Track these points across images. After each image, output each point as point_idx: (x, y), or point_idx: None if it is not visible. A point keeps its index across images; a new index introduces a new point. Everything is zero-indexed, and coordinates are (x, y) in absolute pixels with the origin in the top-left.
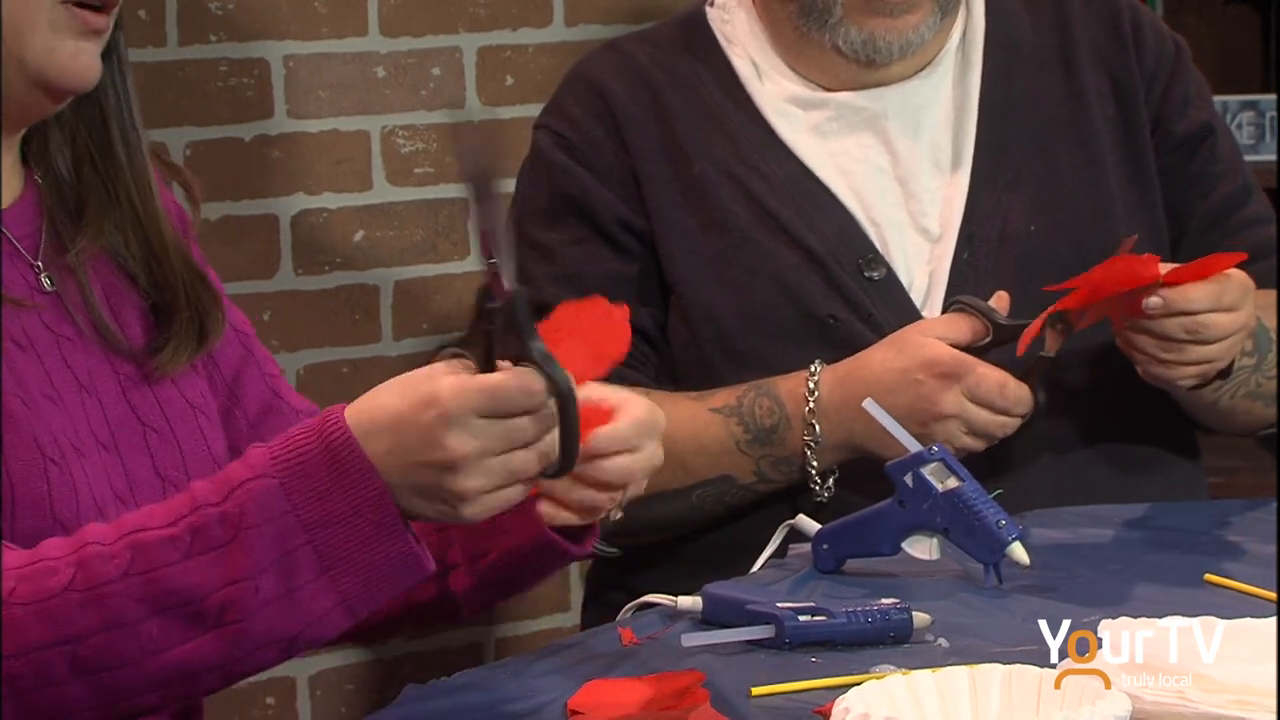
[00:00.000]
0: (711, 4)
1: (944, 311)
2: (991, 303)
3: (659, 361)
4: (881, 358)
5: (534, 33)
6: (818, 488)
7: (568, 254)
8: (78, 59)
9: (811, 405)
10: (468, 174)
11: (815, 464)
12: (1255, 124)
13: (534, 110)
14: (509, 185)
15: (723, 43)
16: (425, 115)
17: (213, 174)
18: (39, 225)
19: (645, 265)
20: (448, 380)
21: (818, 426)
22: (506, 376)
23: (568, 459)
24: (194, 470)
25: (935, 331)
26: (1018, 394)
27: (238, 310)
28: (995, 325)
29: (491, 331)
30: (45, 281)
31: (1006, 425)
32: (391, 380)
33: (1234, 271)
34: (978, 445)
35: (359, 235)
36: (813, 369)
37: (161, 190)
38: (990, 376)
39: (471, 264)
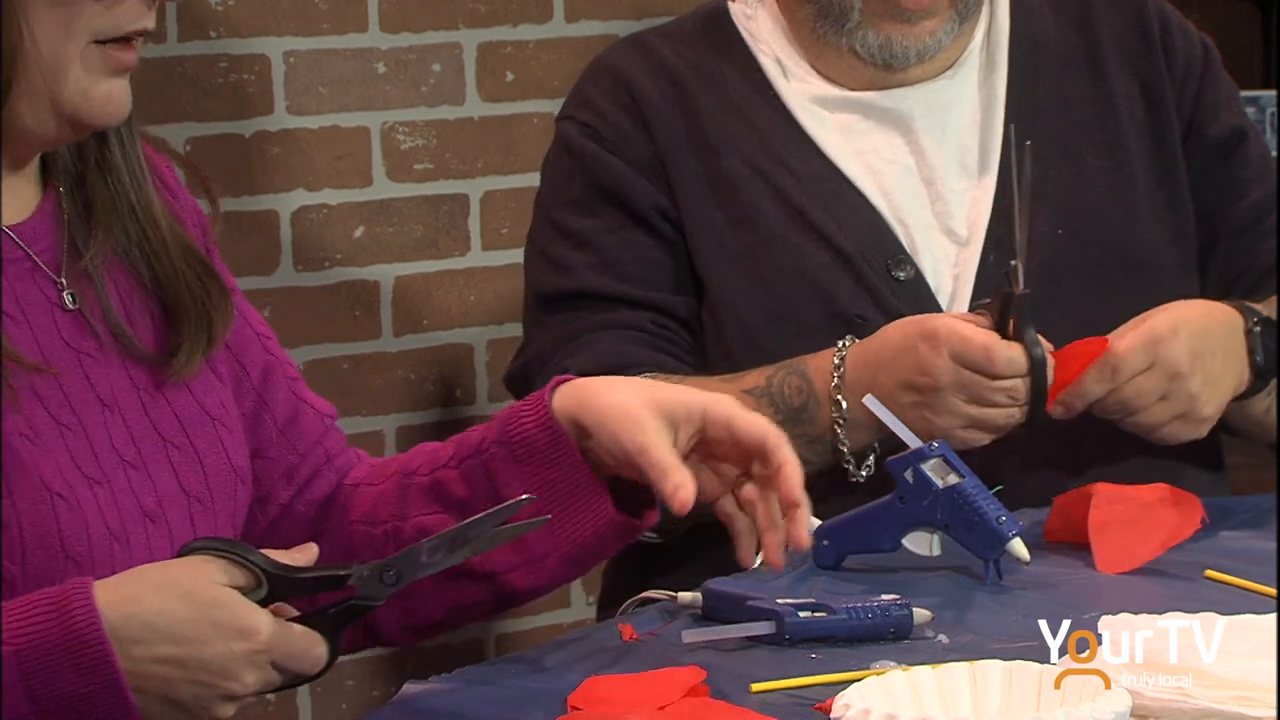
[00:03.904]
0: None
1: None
2: None
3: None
4: (893, 329)
5: (534, 28)
6: (852, 467)
7: (606, 241)
8: (111, 97)
9: (837, 381)
10: None
11: (846, 443)
12: (1256, 120)
13: (535, 106)
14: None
15: (747, 39)
16: (425, 111)
17: (212, 170)
18: (59, 237)
19: (681, 252)
20: (265, 614)
21: (844, 403)
22: None
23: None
24: (215, 484)
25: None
26: (1006, 354)
27: (256, 313)
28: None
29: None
30: (68, 299)
31: (1011, 415)
32: (160, 584)
33: (1125, 333)
34: (981, 438)
35: (359, 231)
36: (841, 344)
37: (183, 192)
38: (974, 339)
39: (471, 260)
